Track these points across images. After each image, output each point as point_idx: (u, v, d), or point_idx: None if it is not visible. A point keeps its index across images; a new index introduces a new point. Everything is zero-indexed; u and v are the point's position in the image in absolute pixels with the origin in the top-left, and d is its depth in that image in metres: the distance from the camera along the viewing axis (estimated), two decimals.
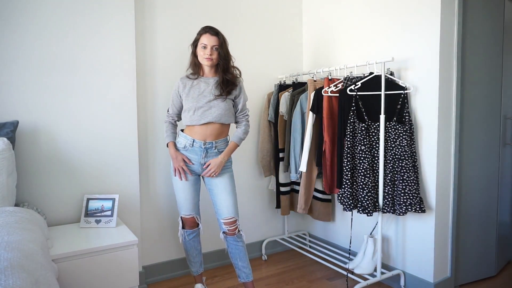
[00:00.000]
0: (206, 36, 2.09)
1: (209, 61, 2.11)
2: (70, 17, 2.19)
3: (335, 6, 2.88)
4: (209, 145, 2.16)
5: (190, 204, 2.23)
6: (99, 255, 1.83)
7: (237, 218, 2.20)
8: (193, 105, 2.13)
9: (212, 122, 2.13)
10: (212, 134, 2.16)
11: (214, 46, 2.09)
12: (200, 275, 2.38)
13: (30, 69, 2.10)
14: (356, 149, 2.28)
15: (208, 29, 2.11)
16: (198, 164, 2.18)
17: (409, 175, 2.22)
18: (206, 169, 2.17)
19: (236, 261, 2.24)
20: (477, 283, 2.52)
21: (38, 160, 2.14)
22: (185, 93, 2.17)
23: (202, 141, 2.15)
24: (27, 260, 1.18)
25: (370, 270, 2.35)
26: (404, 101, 2.30)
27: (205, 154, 2.16)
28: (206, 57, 2.10)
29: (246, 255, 2.25)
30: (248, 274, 2.24)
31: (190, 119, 2.14)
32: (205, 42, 2.09)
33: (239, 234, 2.21)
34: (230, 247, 2.23)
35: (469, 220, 2.45)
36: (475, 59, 2.37)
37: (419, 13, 2.27)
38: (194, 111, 2.12)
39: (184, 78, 2.22)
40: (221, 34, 2.13)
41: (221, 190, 2.19)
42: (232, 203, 2.19)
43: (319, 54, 3.05)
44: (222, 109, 2.14)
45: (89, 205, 2.17)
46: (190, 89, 2.16)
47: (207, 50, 2.09)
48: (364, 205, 2.25)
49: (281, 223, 3.18)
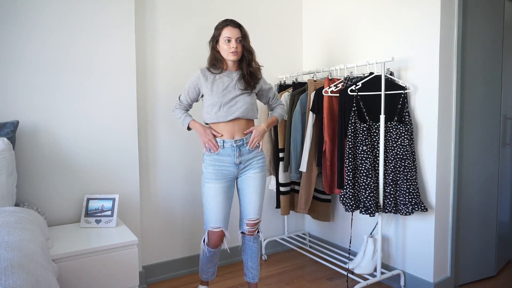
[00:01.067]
0: (229, 29, 1.98)
1: (235, 55, 1.99)
2: (70, 17, 2.18)
3: (335, 6, 2.88)
4: (240, 143, 2.03)
5: (221, 214, 2.02)
6: (99, 255, 1.83)
7: (260, 220, 2.15)
8: (218, 100, 1.99)
9: (239, 118, 2.02)
10: (239, 130, 2.04)
11: (238, 38, 1.98)
12: (207, 282, 2.29)
13: (30, 70, 2.10)
14: (358, 150, 2.28)
15: (230, 22, 2.00)
16: (233, 165, 2.04)
17: (412, 174, 2.22)
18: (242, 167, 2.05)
19: (247, 260, 2.20)
20: (477, 283, 2.52)
21: (38, 160, 2.14)
22: (207, 88, 2.02)
23: (231, 140, 2.02)
24: (27, 260, 1.18)
25: (370, 270, 2.35)
26: (405, 101, 2.30)
27: (239, 153, 2.03)
28: (232, 51, 1.98)
29: (258, 257, 2.21)
30: (255, 275, 2.21)
31: (215, 115, 2.01)
32: (228, 35, 1.97)
33: (257, 235, 2.17)
34: (245, 246, 2.19)
35: (469, 220, 2.45)
36: (475, 59, 2.37)
37: (419, 13, 2.27)
38: (220, 107, 1.99)
39: (205, 70, 2.06)
40: (242, 26, 2.03)
41: (252, 190, 2.08)
42: (259, 204, 2.11)
43: (319, 54, 3.06)
44: (249, 104, 2.04)
45: (89, 205, 2.17)
46: (213, 84, 2.02)
47: (231, 43, 1.97)
48: (366, 205, 2.24)
49: (281, 223, 3.18)
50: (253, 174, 2.08)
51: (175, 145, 2.65)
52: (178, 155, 2.67)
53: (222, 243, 2.11)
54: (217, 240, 2.06)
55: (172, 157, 2.65)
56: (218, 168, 2.03)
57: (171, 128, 2.63)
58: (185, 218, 2.72)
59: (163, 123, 2.60)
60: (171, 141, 2.64)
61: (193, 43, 2.68)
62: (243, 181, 2.10)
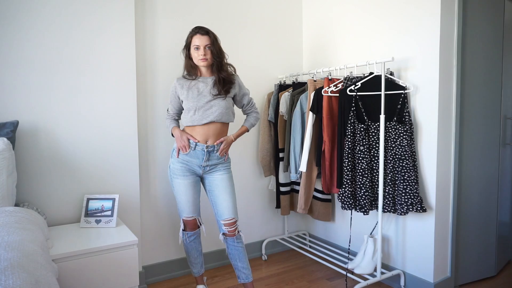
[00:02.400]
0: (197, 37, 2.08)
1: (204, 61, 2.10)
2: (71, 17, 2.19)
3: (335, 6, 2.88)
4: (211, 149, 2.15)
5: (191, 206, 2.21)
6: (99, 255, 1.83)
7: (236, 219, 2.20)
8: (193, 105, 2.11)
9: (214, 121, 2.12)
10: (214, 134, 2.15)
11: (206, 45, 2.08)
12: (201, 276, 2.37)
13: (30, 69, 2.10)
14: (356, 149, 2.28)
15: (198, 29, 2.10)
16: (200, 167, 2.18)
17: (410, 174, 2.22)
18: (207, 169, 2.19)
19: (235, 262, 2.23)
20: (477, 283, 2.52)
21: (38, 160, 2.14)
22: (183, 94, 2.14)
23: (204, 144, 2.13)
24: (27, 260, 1.18)
25: (370, 270, 2.35)
26: (404, 101, 2.30)
27: (207, 158, 2.16)
28: (201, 58, 2.09)
29: (245, 256, 2.24)
30: (247, 275, 2.24)
31: (191, 119, 2.12)
32: (197, 43, 2.08)
33: (239, 235, 2.21)
34: (230, 248, 2.22)
35: (469, 220, 2.45)
36: (475, 59, 2.37)
37: (419, 13, 2.27)
38: (195, 111, 2.11)
39: (181, 78, 2.20)
40: (211, 32, 2.12)
41: (221, 191, 2.18)
42: (232, 204, 2.18)
43: (319, 54, 3.06)
44: (223, 108, 2.13)
45: (89, 205, 2.17)
46: (188, 90, 2.14)
47: (200, 50, 2.09)
48: (361, 204, 2.28)
49: (281, 223, 3.18)
50: (220, 176, 2.21)
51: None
52: None
53: (199, 229, 2.29)
54: (192, 226, 2.26)
55: None
56: (186, 165, 2.18)
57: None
58: None
59: (163, 123, 2.59)
60: (171, 141, 2.64)
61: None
62: (211, 183, 2.22)
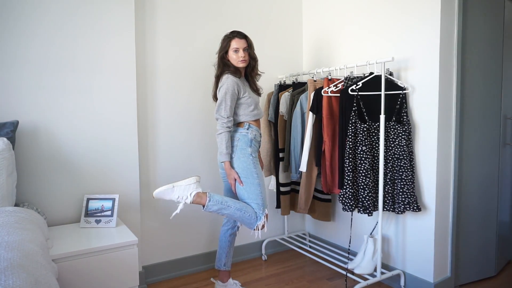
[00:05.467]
0: (236, 40, 2.18)
1: (244, 63, 2.21)
2: (71, 17, 2.19)
3: (335, 6, 2.88)
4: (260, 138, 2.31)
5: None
6: (99, 255, 1.83)
7: None
8: (253, 100, 2.23)
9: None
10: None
11: (245, 48, 2.20)
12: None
13: (30, 69, 2.10)
14: (357, 150, 2.28)
15: (236, 34, 2.21)
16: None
17: (407, 174, 2.23)
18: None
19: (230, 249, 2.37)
20: (477, 283, 2.52)
21: (38, 160, 2.14)
22: (244, 90, 2.19)
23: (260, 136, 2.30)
24: (27, 260, 1.18)
25: (370, 270, 2.35)
26: (403, 101, 2.30)
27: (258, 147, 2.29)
28: (241, 60, 2.19)
29: None
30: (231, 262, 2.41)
31: (252, 113, 2.22)
32: (236, 46, 2.18)
33: None
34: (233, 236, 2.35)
35: (469, 220, 2.45)
36: (475, 59, 2.37)
37: (419, 13, 2.27)
38: (255, 105, 2.23)
39: (234, 77, 2.18)
40: (248, 36, 2.25)
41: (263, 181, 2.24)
42: None
43: (319, 54, 3.06)
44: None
45: (89, 205, 2.17)
46: (244, 86, 2.23)
47: (239, 53, 2.18)
48: (365, 205, 2.26)
49: (281, 223, 3.18)
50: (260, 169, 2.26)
51: (175, 145, 2.66)
52: (178, 155, 2.67)
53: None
54: None
55: (172, 157, 2.65)
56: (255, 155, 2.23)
57: (171, 128, 2.63)
58: (185, 218, 2.72)
59: (163, 123, 2.60)
60: (171, 141, 2.64)
61: (193, 43, 2.68)
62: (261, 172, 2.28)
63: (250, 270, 2.79)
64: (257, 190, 2.15)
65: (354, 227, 2.76)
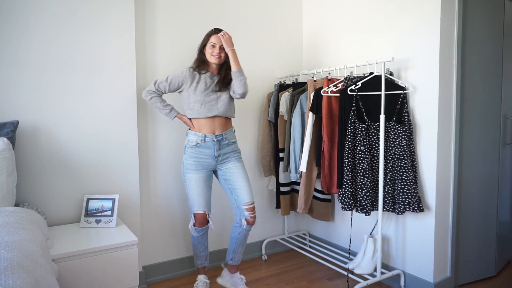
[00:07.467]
0: (216, 37, 2.23)
1: (217, 59, 2.24)
2: (71, 17, 2.19)
3: (335, 6, 2.88)
4: (220, 137, 2.26)
5: (202, 200, 2.28)
6: (99, 255, 1.83)
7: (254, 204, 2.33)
8: (201, 98, 2.22)
9: (218, 115, 2.26)
10: (219, 125, 2.27)
11: (222, 46, 2.23)
12: (203, 268, 2.46)
13: (30, 69, 2.10)
14: (356, 149, 2.28)
15: (218, 31, 2.25)
16: (212, 158, 2.26)
17: (408, 174, 2.23)
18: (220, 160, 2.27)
19: (237, 246, 2.38)
20: (477, 283, 2.52)
21: (38, 160, 2.14)
22: (192, 86, 2.23)
23: (212, 134, 2.24)
24: (27, 260, 1.18)
25: (370, 270, 2.35)
26: (404, 101, 2.30)
27: (219, 147, 2.26)
28: (215, 55, 2.23)
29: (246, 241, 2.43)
30: (240, 258, 2.44)
31: (197, 111, 2.23)
32: (214, 42, 2.23)
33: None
34: (240, 234, 2.35)
35: (469, 220, 2.45)
36: (475, 59, 2.37)
37: (419, 13, 2.27)
38: (202, 104, 2.22)
39: (193, 69, 2.28)
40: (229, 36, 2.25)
41: (238, 177, 2.29)
42: (250, 189, 2.31)
43: (319, 54, 3.06)
44: (227, 104, 2.28)
45: (89, 205, 2.17)
46: (198, 83, 2.24)
47: (215, 48, 2.23)
48: (362, 204, 2.27)
49: (281, 223, 3.18)
50: (234, 164, 2.31)
51: (175, 145, 2.66)
52: (178, 155, 2.67)
53: (207, 225, 2.35)
54: (202, 221, 2.31)
55: (172, 157, 2.65)
56: (199, 160, 2.25)
57: (171, 128, 2.63)
58: (185, 218, 2.72)
59: (163, 123, 2.60)
60: (171, 141, 2.64)
61: (193, 43, 2.67)
62: (226, 172, 2.32)
63: (250, 270, 2.79)
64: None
65: (354, 227, 2.76)
